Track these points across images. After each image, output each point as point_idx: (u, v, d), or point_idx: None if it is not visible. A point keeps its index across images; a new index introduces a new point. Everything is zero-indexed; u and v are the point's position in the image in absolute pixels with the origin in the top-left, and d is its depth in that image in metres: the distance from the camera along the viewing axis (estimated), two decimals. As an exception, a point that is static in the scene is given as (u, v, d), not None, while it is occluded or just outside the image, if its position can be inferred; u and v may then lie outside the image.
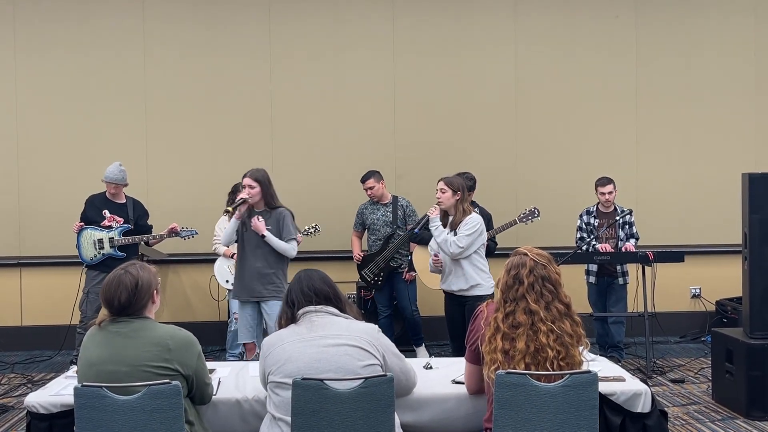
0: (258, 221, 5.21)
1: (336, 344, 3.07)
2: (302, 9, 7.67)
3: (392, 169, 7.48)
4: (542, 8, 7.80)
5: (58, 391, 3.39)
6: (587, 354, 3.31)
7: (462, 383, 3.45)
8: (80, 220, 6.45)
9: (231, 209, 5.35)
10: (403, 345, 6.52)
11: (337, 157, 7.65)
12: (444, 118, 7.74)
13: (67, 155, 7.50)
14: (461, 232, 5.28)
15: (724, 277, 7.47)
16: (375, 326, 3.23)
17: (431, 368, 3.81)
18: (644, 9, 7.86)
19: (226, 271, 6.69)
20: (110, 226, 6.39)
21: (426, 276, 6.53)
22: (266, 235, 5.20)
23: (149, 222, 6.67)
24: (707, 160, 7.86)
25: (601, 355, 4.75)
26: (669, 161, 7.88)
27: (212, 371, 3.53)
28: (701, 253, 7.66)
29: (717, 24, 7.90)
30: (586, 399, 2.99)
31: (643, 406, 3.38)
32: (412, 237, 6.59)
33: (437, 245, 5.41)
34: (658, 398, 4.19)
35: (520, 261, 3.20)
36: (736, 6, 7.91)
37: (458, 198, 5.35)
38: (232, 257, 6.01)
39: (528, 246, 3.31)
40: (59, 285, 7.19)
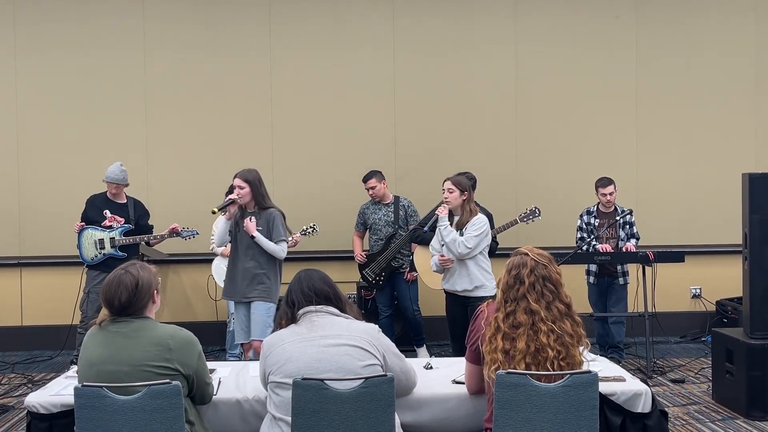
0: (249, 222, 5.20)
1: (336, 344, 3.07)
2: (302, 9, 7.66)
3: (392, 169, 7.48)
4: (542, 8, 7.80)
5: (59, 391, 3.39)
6: (587, 354, 3.31)
7: (462, 383, 3.45)
8: (81, 220, 6.45)
9: (217, 209, 5.34)
10: (404, 345, 6.52)
11: (338, 157, 7.65)
12: (444, 118, 7.74)
13: (68, 155, 7.50)
14: (469, 233, 5.26)
15: (725, 277, 7.47)
16: (375, 326, 3.23)
17: (431, 368, 3.81)
18: (644, 9, 7.86)
19: (224, 271, 6.68)
20: (111, 226, 6.40)
21: (427, 276, 6.52)
22: (256, 236, 5.17)
23: (150, 222, 6.68)
24: (707, 160, 7.86)
25: (602, 356, 4.75)
26: (669, 161, 7.88)
27: (213, 371, 3.53)
28: (701, 253, 7.66)
29: (717, 24, 7.90)
30: (587, 399, 2.99)
31: (644, 406, 3.38)
32: (414, 237, 6.58)
33: (444, 245, 5.36)
34: (659, 398, 4.18)
35: (521, 261, 3.20)
36: (737, 6, 7.91)
37: (465, 198, 5.34)
38: None
39: (529, 246, 3.31)
40: (59, 285, 7.20)
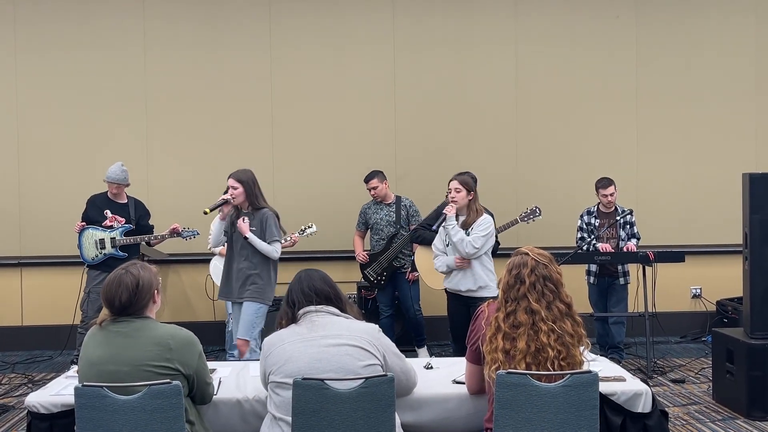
0: (243, 222, 5.20)
1: (336, 344, 3.07)
2: (302, 9, 7.66)
3: (392, 169, 7.48)
4: (542, 8, 7.80)
5: (59, 391, 3.39)
6: (588, 354, 3.31)
7: (463, 383, 3.45)
8: (82, 220, 6.46)
9: (209, 210, 5.34)
10: (404, 345, 6.52)
11: (338, 157, 7.66)
12: (444, 118, 7.74)
13: (68, 155, 7.50)
14: (476, 233, 5.25)
15: (725, 277, 7.47)
16: (375, 326, 3.23)
17: (432, 368, 3.81)
18: (644, 9, 7.86)
19: (221, 270, 6.68)
20: (112, 226, 6.40)
21: (428, 276, 6.52)
22: (249, 237, 5.17)
23: (150, 222, 6.68)
24: (708, 160, 7.86)
25: (602, 356, 4.75)
26: (669, 161, 7.87)
27: (213, 371, 3.53)
28: (702, 253, 7.65)
29: (717, 24, 7.90)
30: (587, 399, 2.99)
31: (644, 406, 3.38)
32: (415, 237, 6.57)
33: (450, 245, 5.32)
34: (659, 398, 4.18)
35: (522, 261, 3.20)
36: (737, 6, 7.91)
37: (471, 198, 5.33)
38: None
39: (529, 246, 3.31)
40: (60, 285, 7.20)
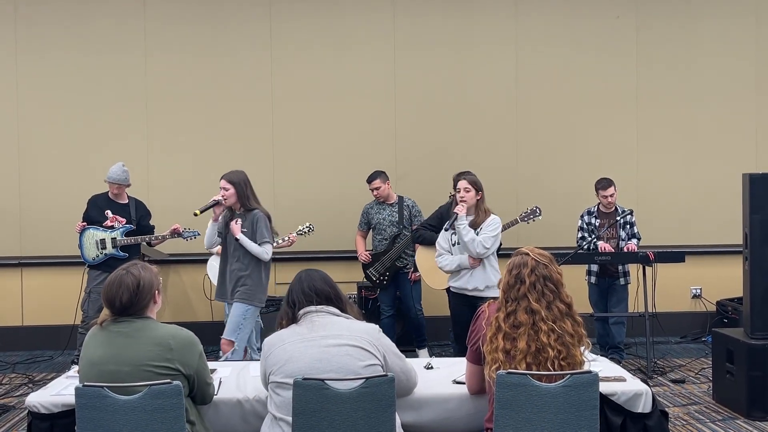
0: (235, 224, 5.21)
1: (337, 344, 3.07)
2: (303, 9, 7.67)
3: (393, 169, 7.48)
4: (543, 8, 7.80)
5: (60, 391, 3.39)
6: (588, 354, 3.31)
7: (463, 383, 3.45)
8: (83, 220, 6.46)
9: (199, 212, 5.35)
10: (404, 345, 6.52)
11: (338, 157, 7.66)
12: (445, 118, 7.74)
13: (69, 155, 7.50)
14: (485, 233, 5.24)
15: (725, 278, 7.47)
16: (376, 326, 3.23)
17: (432, 368, 3.82)
18: (645, 9, 7.86)
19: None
20: (113, 227, 6.40)
21: (429, 276, 6.52)
22: (240, 238, 5.18)
23: (151, 222, 6.69)
24: (708, 161, 7.86)
25: (602, 356, 4.75)
26: (669, 161, 7.87)
27: (213, 371, 3.53)
28: (702, 254, 7.65)
29: (717, 24, 7.90)
30: (587, 399, 2.99)
31: (644, 407, 3.38)
32: (416, 237, 6.57)
33: (459, 244, 5.29)
34: (659, 398, 4.18)
35: (522, 261, 3.21)
36: (737, 7, 7.91)
37: (479, 198, 5.33)
38: None
39: (530, 246, 3.32)
40: (60, 285, 7.21)
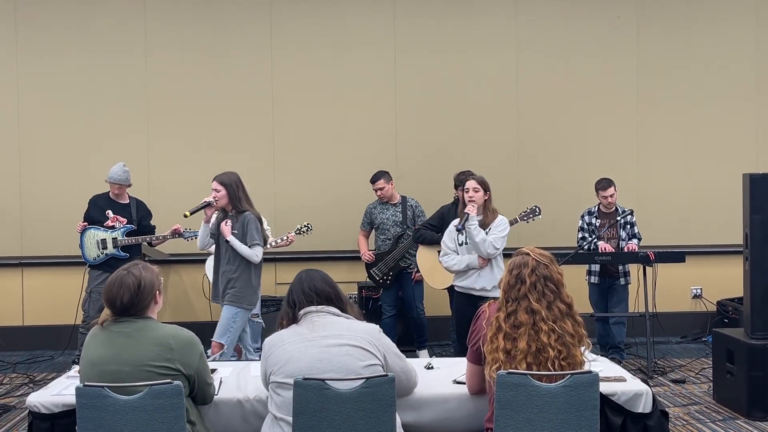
0: (225, 226, 5.21)
1: (337, 344, 3.07)
2: (303, 9, 7.67)
3: (393, 169, 7.47)
4: (543, 8, 7.80)
5: (60, 391, 3.39)
6: (588, 354, 3.31)
7: (463, 383, 3.45)
8: (84, 220, 6.46)
9: (189, 213, 5.34)
10: (405, 345, 6.52)
11: (339, 157, 7.66)
12: (445, 118, 7.74)
13: (69, 155, 7.51)
14: (495, 233, 5.23)
15: (725, 278, 7.47)
16: (376, 326, 3.23)
17: (432, 368, 3.82)
18: (645, 10, 7.86)
19: None
20: (113, 227, 6.40)
21: (429, 275, 6.53)
22: (230, 240, 5.18)
23: (152, 222, 6.69)
24: (708, 161, 7.86)
25: (602, 356, 4.75)
26: (670, 162, 7.87)
27: (214, 371, 3.53)
28: (702, 254, 7.65)
29: (717, 25, 7.89)
30: (587, 399, 2.99)
31: (644, 407, 3.38)
32: (416, 237, 6.57)
33: (468, 244, 5.26)
34: (659, 398, 4.18)
35: (523, 261, 3.21)
36: (737, 8, 7.91)
37: (487, 198, 5.33)
38: None
39: (530, 246, 3.32)
40: (61, 285, 7.22)
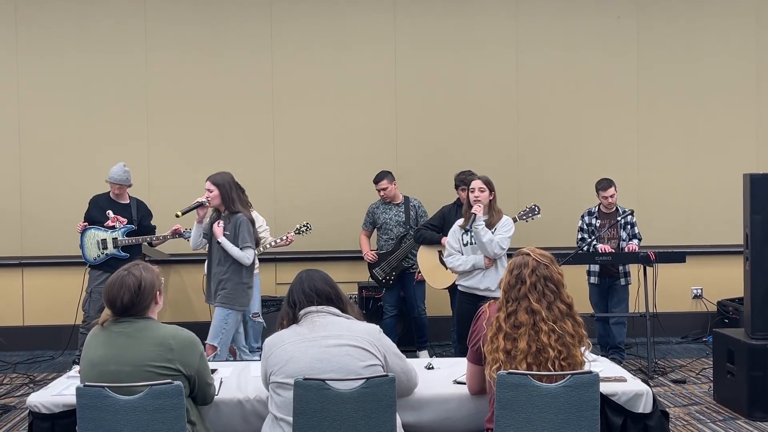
0: (218, 227, 5.18)
1: (337, 344, 3.07)
2: (303, 9, 7.67)
3: (393, 169, 7.47)
4: (543, 8, 7.80)
5: (60, 391, 3.39)
6: (589, 354, 3.31)
7: (463, 383, 3.45)
8: (84, 220, 6.47)
9: (180, 213, 5.32)
10: (405, 346, 6.52)
11: (339, 157, 7.66)
12: (445, 118, 7.74)
13: (69, 155, 7.51)
14: (501, 234, 5.22)
15: (726, 278, 7.47)
16: (376, 327, 3.23)
17: (433, 368, 3.82)
18: (645, 9, 7.86)
19: None
20: (114, 227, 6.40)
21: (430, 275, 6.52)
22: (221, 241, 5.14)
23: (152, 222, 6.69)
24: (709, 161, 7.86)
25: (602, 356, 4.75)
26: (670, 162, 7.87)
27: (214, 371, 3.53)
28: (703, 254, 7.65)
29: (718, 25, 7.90)
30: (588, 399, 2.99)
31: (645, 407, 3.38)
32: (417, 237, 6.57)
33: (474, 244, 5.24)
34: (660, 399, 4.17)
35: (523, 261, 3.21)
36: (738, 8, 7.91)
37: (492, 198, 5.32)
38: None
39: (531, 246, 3.32)
40: (61, 285, 7.22)
